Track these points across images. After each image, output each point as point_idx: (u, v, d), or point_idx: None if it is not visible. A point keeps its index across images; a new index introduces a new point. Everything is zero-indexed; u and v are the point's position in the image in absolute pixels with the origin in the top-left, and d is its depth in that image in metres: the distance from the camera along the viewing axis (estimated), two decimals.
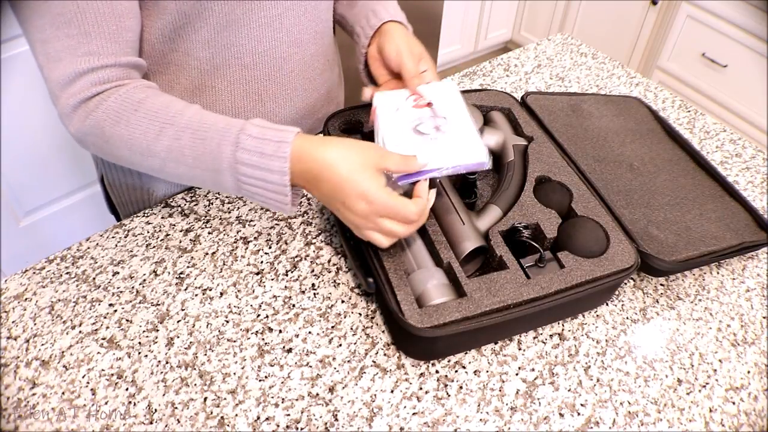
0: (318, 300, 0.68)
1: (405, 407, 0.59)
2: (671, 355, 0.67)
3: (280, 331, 0.65)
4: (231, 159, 0.57)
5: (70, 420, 0.56)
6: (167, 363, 0.61)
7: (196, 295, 0.68)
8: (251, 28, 0.69)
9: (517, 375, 0.63)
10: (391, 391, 0.60)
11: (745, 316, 0.72)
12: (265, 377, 0.61)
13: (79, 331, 0.63)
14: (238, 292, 0.68)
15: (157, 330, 0.64)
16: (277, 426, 0.57)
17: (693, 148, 0.89)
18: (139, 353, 0.62)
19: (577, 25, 2.46)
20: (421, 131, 0.65)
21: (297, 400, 0.59)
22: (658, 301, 0.72)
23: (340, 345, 0.64)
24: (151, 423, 0.57)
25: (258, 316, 0.66)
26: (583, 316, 0.70)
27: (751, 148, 0.97)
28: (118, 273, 0.69)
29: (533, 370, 0.64)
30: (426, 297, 0.61)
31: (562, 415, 0.60)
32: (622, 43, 2.30)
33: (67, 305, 0.66)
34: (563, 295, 0.62)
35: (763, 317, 0.72)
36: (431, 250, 0.67)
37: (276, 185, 0.57)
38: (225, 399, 0.59)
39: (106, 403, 0.58)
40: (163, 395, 0.59)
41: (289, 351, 0.63)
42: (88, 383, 0.59)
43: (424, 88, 0.70)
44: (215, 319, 0.65)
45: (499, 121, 0.83)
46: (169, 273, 0.70)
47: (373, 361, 0.63)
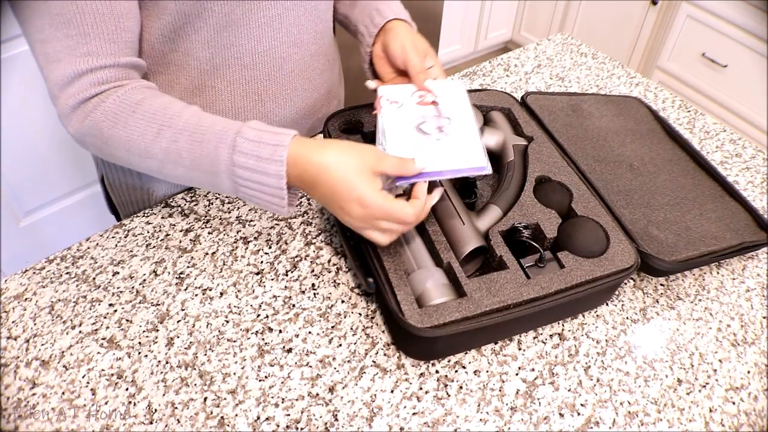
0: (318, 300, 0.68)
1: (405, 407, 0.59)
2: (671, 355, 0.67)
3: (280, 331, 0.65)
4: (228, 162, 0.57)
5: (70, 420, 0.56)
6: (167, 363, 0.61)
7: (196, 295, 0.68)
8: (251, 28, 0.69)
9: (517, 375, 0.63)
10: (391, 391, 0.60)
11: (745, 316, 0.72)
12: (265, 377, 0.61)
13: (79, 331, 0.63)
14: (238, 292, 0.68)
15: (157, 330, 0.64)
16: (277, 426, 0.57)
17: (693, 148, 0.89)
18: (139, 353, 0.62)
19: (577, 25, 2.46)
20: (424, 130, 0.65)
21: (297, 400, 0.59)
22: (658, 301, 0.72)
23: (340, 345, 0.64)
24: (151, 423, 0.57)
25: (258, 316, 0.66)
26: (583, 316, 0.70)
27: (751, 148, 0.97)
28: (118, 273, 0.69)
29: (533, 370, 0.64)
30: (426, 297, 0.61)
31: (562, 415, 0.60)
32: (622, 43, 2.30)
33: (67, 305, 0.66)
34: (563, 295, 0.62)
35: (763, 317, 0.72)
36: (431, 250, 0.67)
37: (273, 188, 0.57)
38: (225, 399, 0.59)
39: (106, 403, 0.58)
40: (163, 395, 0.59)
41: (289, 351, 0.63)
42: (88, 383, 0.59)
43: (431, 84, 0.69)
44: (215, 319, 0.65)
45: (499, 121, 0.83)
46: (169, 273, 0.70)
47: (373, 361, 0.63)
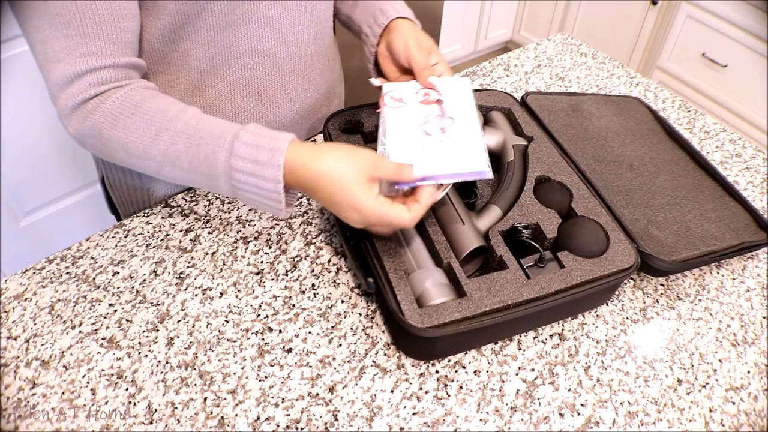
0: (318, 300, 0.68)
1: (405, 407, 0.59)
2: (671, 355, 0.67)
3: (280, 331, 0.65)
4: (225, 165, 0.57)
5: (70, 420, 0.56)
6: (167, 363, 0.61)
7: (196, 295, 0.68)
8: (251, 28, 0.69)
9: (517, 375, 0.63)
10: (391, 391, 0.60)
11: (745, 316, 0.72)
12: (265, 377, 0.61)
13: (79, 331, 0.63)
14: (238, 292, 0.68)
15: (157, 330, 0.64)
16: (277, 426, 0.57)
17: (693, 148, 0.89)
18: (139, 353, 0.62)
19: (577, 25, 2.46)
20: (426, 131, 0.64)
21: (297, 400, 0.59)
22: (658, 301, 0.72)
23: (340, 345, 0.64)
24: (151, 423, 0.57)
25: (258, 316, 0.66)
26: (583, 316, 0.70)
27: (751, 148, 0.97)
28: (118, 273, 0.69)
29: (533, 370, 0.64)
30: (426, 297, 0.61)
31: (562, 415, 0.60)
32: (622, 43, 2.30)
33: (67, 305, 0.66)
34: (563, 295, 0.62)
35: (763, 317, 0.72)
36: (431, 250, 0.67)
37: (270, 192, 0.57)
38: (225, 399, 0.59)
39: (106, 403, 0.58)
40: (163, 395, 0.59)
41: (289, 351, 0.63)
42: (88, 383, 0.59)
43: (436, 80, 0.69)
44: (215, 319, 0.65)
45: (499, 121, 0.83)
46: (169, 273, 0.70)
47: (373, 361, 0.63)
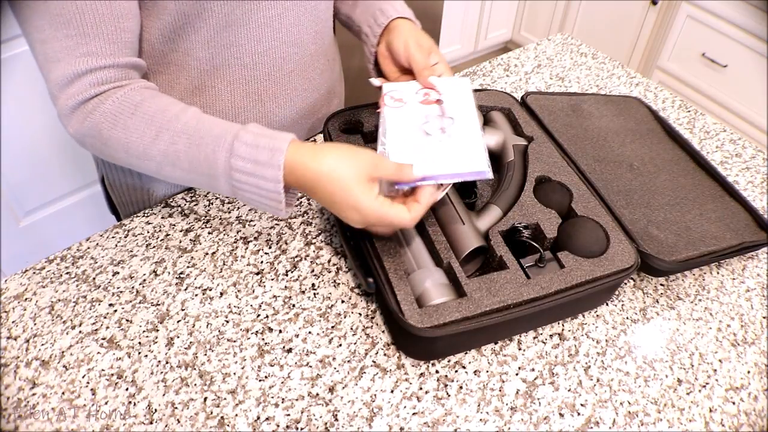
0: (318, 300, 0.68)
1: (405, 407, 0.59)
2: (671, 355, 0.67)
3: (280, 331, 0.65)
4: (225, 166, 0.57)
5: (70, 420, 0.56)
6: (167, 363, 0.61)
7: (196, 295, 0.68)
8: (251, 28, 0.69)
9: (517, 375, 0.63)
10: (391, 391, 0.60)
11: (745, 316, 0.72)
12: (265, 377, 0.61)
13: (79, 331, 0.63)
14: (238, 292, 0.68)
15: (157, 330, 0.64)
16: (277, 426, 0.57)
17: (693, 148, 0.89)
18: (139, 353, 0.62)
19: (577, 25, 2.46)
20: (426, 131, 0.64)
21: (297, 400, 0.59)
22: (658, 301, 0.72)
23: (340, 345, 0.64)
24: (151, 423, 0.57)
25: (258, 316, 0.66)
26: (583, 316, 0.70)
27: (751, 148, 0.97)
28: (118, 273, 0.69)
29: (533, 370, 0.64)
30: (426, 297, 0.61)
31: (562, 415, 0.60)
32: (622, 43, 2.30)
33: (67, 305, 0.66)
34: (563, 295, 0.62)
35: (763, 317, 0.72)
36: (431, 250, 0.67)
37: (270, 192, 0.57)
38: (225, 399, 0.59)
39: (106, 403, 0.58)
40: (163, 395, 0.59)
41: (289, 351, 0.63)
42: (88, 383, 0.59)
43: (436, 80, 0.68)
44: (215, 319, 0.65)
45: (499, 121, 0.83)
46: (169, 273, 0.70)
47: (373, 361, 0.63)
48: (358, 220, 0.58)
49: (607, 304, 0.71)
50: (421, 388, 0.61)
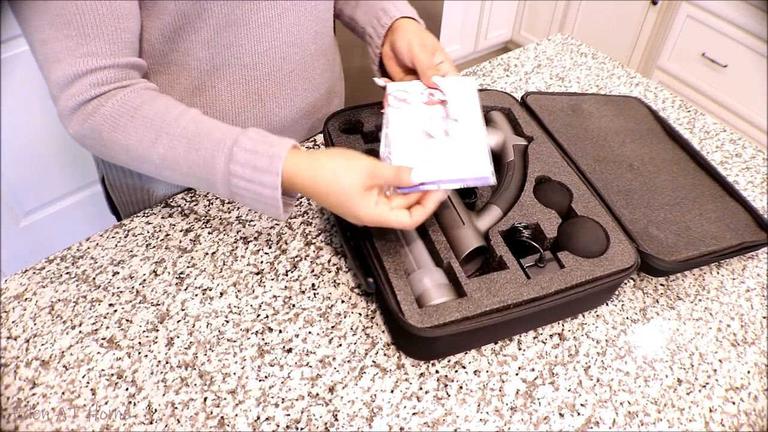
0: (318, 300, 0.68)
1: (405, 407, 0.59)
2: (671, 355, 0.67)
3: (280, 331, 0.65)
4: (224, 171, 0.57)
5: (70, 420, 0.56)
6: (167, 363, 0.61)
7: (196, 295, 0.68)
8: (251, 28, 0.69)
9: (517, 375, 0.63)
10: (391, 391, 0.60)
11: (745, 316, 0.72)
12: (265, 377, 0.61)
13: (79, 331, 0.63)
14: (238, 292, 0.68)
15: (157, 330, 0.64)
16: (277, 426, 0.57)
17: (693, 148, 0.89)
18: (139, 353, 0.62)
19: (577, 25, 2.46)
20: (430, 133, 0.63)
21: (297, 400, 0.59)
22: (658, 301, 0.72)
23: (340, 345, 0.64)
24: (151, 423, 0.57)
25: (258, 316, 0.66)
26: (583, 316, 0.70)
27: (751, 148, 0.97)
28: (118, 273, 0.69)
29: (533, 370, 0.64)
30: (426, 297, 0.61)
31: (562, 415, 0.60)
32: (622, 43, 2.30)
33: (67, 305, 0.66)
34: (563, 295, 0.62)
35: (763, 317, 0.72)
36: (431, 250, 0.67)
37: (268, 197, 0.57)
38: (225, 399, 0.59)
39: (106, 403, 0.58)
40: (163, 395, 0.59)
41: (289, 351, 0.63)
42: (88, 383, 0.59)
43: (440, 80, 0.67)
44: (215, 319, 0.65)
45: (499, 121, 0.83)
46: (169, 273, 0.70)
47: (373, 361, 0.63)
48: (359, 225, 0.60)
49: (607, 304, 0.71)
50: (421, 388, 0.61)
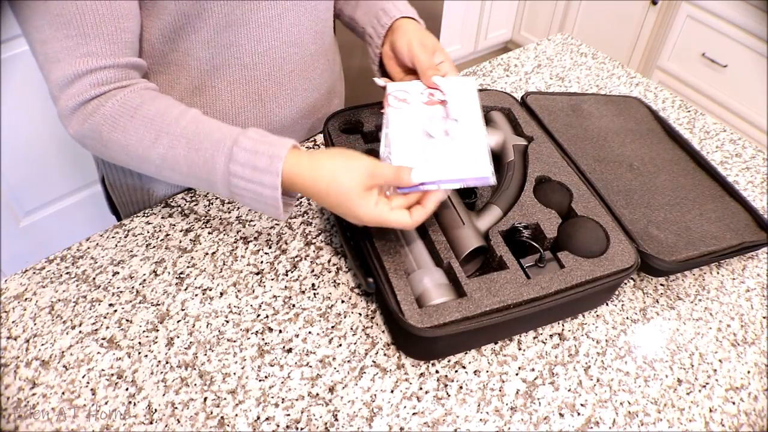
0: (318, 300, 0.68)
1: (405, 407, 0.59)
2: (671, 355, 0.67)
3: (280, 331, 0.65)
4: (224, 171, 0.57)
5: (70, 420, 0.56)
6: (167, 363, 0.61)
7: (196, 295, 0.68)
8: (251, 28, 0.69)
9: (517, 375, 0.63)
10: (391, 391, 0.60)
11: (745, 316, 0.72)
12: (265, 377, 0.61)
13: (79, 331, 0.63)
14: (238, 292, 0.68)
15: (157, 330, 0.64)
16: (277, 426, 0.57)
17: (693, 148, 0.89)
18: (139, 353, 0.62)
19: (577, 25, 2.46)
20: (430, 133, 0.63)
21: (297, 400, 0.59)
22: (658, 301, 0.72)
23: (340, 345, 0.64)
24: (151, 423, 0.57)
25: (258, 316, 0.66)
26: (583, 316, 0.70)
27: (751, 148, 0.97)
28: (118, 273, 0.69)
29: (533, 370, 0.64)
30: (426, 297, 0.61)
31: (562, 415, 0.60)
32: (622, 43, 2.30)
33: (67, 305, 0.66)
34: (563, 295, 0.62)
35: (763, 317, 0.72)
36: (431, 250, 0.67)
37: (268, 197, 0.58)
38: (225, 399, 0.59)
39: (106, 403, 0.58)
40: (163, 395, 0.59)
41: (289, 351, 0.63)
42: (88, 383, 0.59)
43: (440, 80, 0.67)
44: (215, 319, 0.65)
45: (499, 121, 0.83)
46: (169, 273, 0.70)
47: (373, 361, 0.63)
48: (359, 225, 0.60)
49: (607, 304, 0.71)
50: (421, 388, 0.61)
